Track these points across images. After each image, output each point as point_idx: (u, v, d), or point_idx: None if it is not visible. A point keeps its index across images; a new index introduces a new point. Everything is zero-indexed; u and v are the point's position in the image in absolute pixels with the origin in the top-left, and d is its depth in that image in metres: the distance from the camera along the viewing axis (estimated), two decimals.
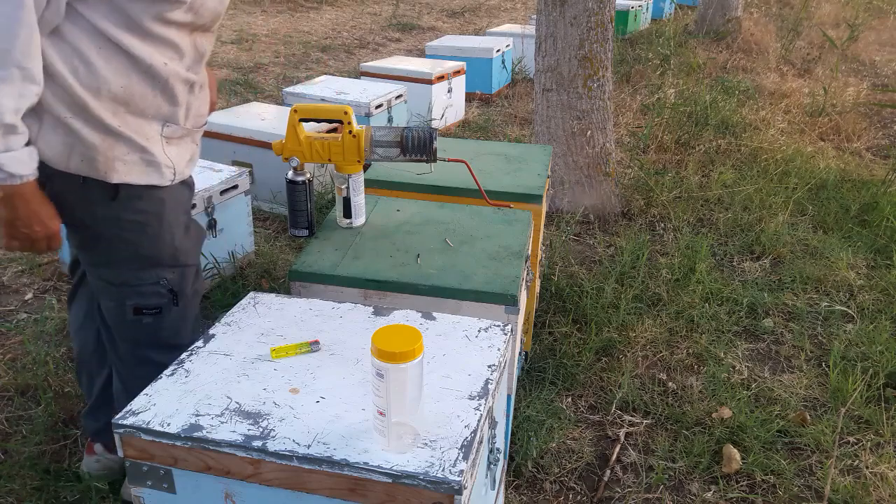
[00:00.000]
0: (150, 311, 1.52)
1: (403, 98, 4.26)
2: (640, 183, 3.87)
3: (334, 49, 7.18)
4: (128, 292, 1.50)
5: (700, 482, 2.00)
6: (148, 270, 1.50)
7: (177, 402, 1.16)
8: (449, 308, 1.59)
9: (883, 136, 5.18)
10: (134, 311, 1.51)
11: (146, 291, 1.51)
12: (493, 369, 1.27)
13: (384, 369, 1.01)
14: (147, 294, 1.51)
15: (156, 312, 1.53)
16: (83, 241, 1.49)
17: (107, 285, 1.51)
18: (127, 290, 1.50)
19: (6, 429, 2.04)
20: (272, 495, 1.10)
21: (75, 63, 1.26)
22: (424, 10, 9.72)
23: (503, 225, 1.92)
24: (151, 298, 1.52)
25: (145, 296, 1.51)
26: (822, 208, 3.73)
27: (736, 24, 7.93)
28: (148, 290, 1.51)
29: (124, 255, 1.47)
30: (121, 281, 1.49)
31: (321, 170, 3.47)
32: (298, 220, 1.82)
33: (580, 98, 3.46)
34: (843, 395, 2.32)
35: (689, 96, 5.25)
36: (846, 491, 1.95)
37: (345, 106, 1.76)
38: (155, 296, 1.52)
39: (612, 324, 2.63)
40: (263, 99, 5.31)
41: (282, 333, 1.37)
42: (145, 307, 1.52)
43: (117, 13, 1.27)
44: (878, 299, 2.93)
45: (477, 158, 2.35)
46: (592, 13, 3.33)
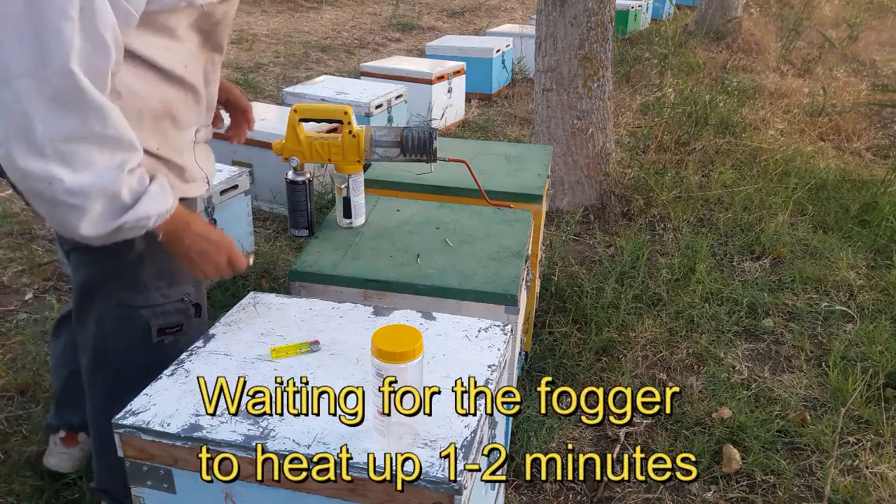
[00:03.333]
0: (172, 331, 1.46)
1: (403, 98, 4.26)
2: (640, 183, 3.87)
3: (334, 49, 7.17)
4: (153, 314, 1.43)
5: (700, 482, 2.00)
6: (174, 287, 1.45)
7: (177, 402, 1.16)
8: (449, 308, 1.59)
9: (883, 136, 5.18)
10: (158, 332, 1.45)
11: (170, 310, 1.45)
12: (493, 369, 1.27)
13: (384, 369, 1.01)
14: (171, 313, 1.46)
15: (177, 331, 1.47)
16: (107, 271, 1.40)
17: (128, 312, 1.42)
18: (151, 311, 1.43)
19: (6, 429, 2.04)
20: (272, 495, 1.10)
21: (117, 90, 1.20)
22: (424, 10, 9.72)
23: (503, 225, 1.92)
24: (174, 317, 1.46)
25: (169, 315, 1.46)
26: (822, 208, 3.73)
27: (736, 24, 7.93)
28: (172, 307, 1.46)
29: (152, 275, 1.40)
30: (147, 303, 1.42)
31: (321, 170, 3.47)
32: (298, 220, 1.82)
33: (580, 98, 3.46)
34: (843, 395, 2.32)
35: (689, 96, 5.25)
36: (846, 491, 1.95)
37: (345, 106, 1.76)
38: (178, 314, 1.47)
39: (612, 324, 2.63)
40: (263, 99, 5.31)
41: (282, 333, 1.37)
42: (168, 327, 1.46)
43: (149, 29, 1.22)
44: (878, 299, 2.93)
45: (477, 158, 2.35)
46: (592, 13, 3.33)
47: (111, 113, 1.11)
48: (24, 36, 1.02)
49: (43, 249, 3.02)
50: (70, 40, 1.04)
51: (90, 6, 1.05)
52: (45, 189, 1.09)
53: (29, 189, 1.10)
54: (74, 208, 1.11)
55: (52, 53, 1.03)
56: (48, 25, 1.02)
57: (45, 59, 1.03)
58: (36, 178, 1.08)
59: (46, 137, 1.06)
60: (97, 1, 1.06)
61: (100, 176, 1.11)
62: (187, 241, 1.31)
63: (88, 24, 1.06)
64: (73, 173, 1.09)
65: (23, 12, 1.01)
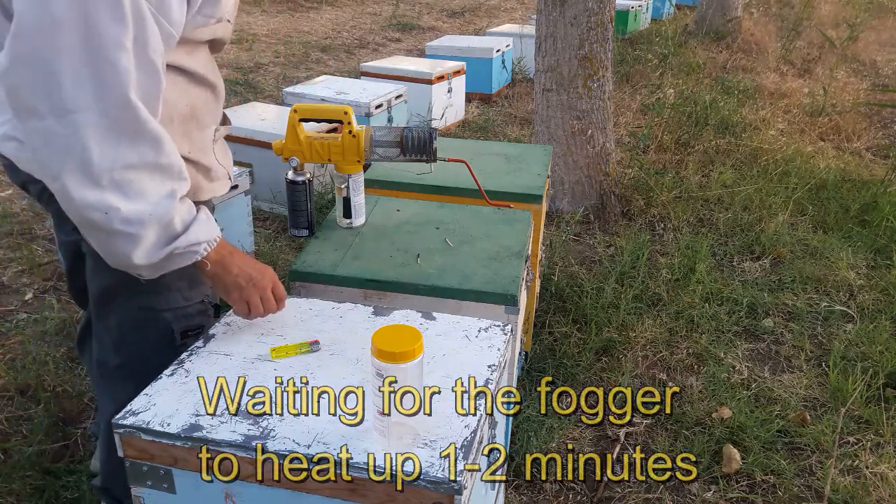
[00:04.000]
0: (194, 333, 1.45)
1: (403, 98, 4.26)
2: (640, 183, 3.87)
3: (334, 49, 7.17)
4: (175, 316, 1.42)
5: (700, 482, 2.00)
6: (195, 289, 1.44)
7: (177, 402, 1.16)
8: (449, 308, 1.59)
9: (883, 136, 5.18)
10: (182, 335, 1.44)
11: (192, 312, 1.44)
12: (493, 369, 1.27)
13: (384, 369, 1.01)
14: (192, 315, 1.45)
15: (199, 332, 1.45)
16: (128, 275, 1.37)
17: (150, 314, 1.41)
18: (173, 314, 1.42)
19: (6, 429, 2.03)
20: (272, 495, 1.10)
21: None
22: (424, 10, 9.72)
23: (503, 225, 1.92)
24: (196, 318, 1.45)
25: (192, 317, 1.44)
26: (822, 208, 3.73)
27: (736, 24, 7.93)
28: (193, 309, 1.45)
29: (173, 277, 1.36)
30: (169, 306, 1.41)
31: (321, 170, 3.47)
32: (298, 220, 1.82)
33: (580, 98, 3.46)
34: (843, 395, 2.32)
35: (689, 96, 5.25)
36: (846, 491, 1.95)
37: (345, 106, 1.75)
38: (199, 315, 1.46)
39: (612, 324, 2.63)
40: (263, 99, 5.31)
41: (282, 333, 1.37)
42: (190, 329, 1.45)
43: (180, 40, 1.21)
44: (878, 299, 2.93)
45: (477, 158, 2.35)
46: (592, 13, 3.33)
47: (165, 141, 1.12)
48: (80, 69, 1.02)
49: (43, 249, 3.02)
50: (127, 70, 1.04)
51: (143, 35, 1.05)
52: (101, 219, 1.09)
53: (84, 220, 1.11)
54: (129, 237, 1.12)
55: (110, 84, 1.03)
56: (105, 57, 1.02)
57: (104, 90, 1.03)
58: (92, 209, 1.08)
59: (103, 168, 1.06)
60: (149, 29, 1.06)
61: (155, 205, 1.12)
62: (234, 269, 1.31)
63: (141, 52, 1.06)
64: (129, 202, 1.09)
65: (78, 45, 1.01)
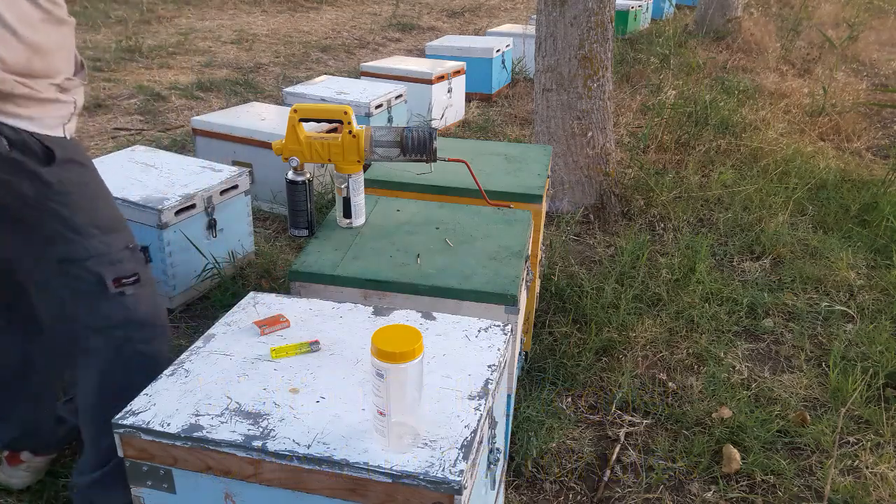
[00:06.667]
0: (129, 281, 1.40)
1: (403, 98, 4.26)
2: (640, 183, 3.87)
3: (334, 49, 7.17)
4: (101, 263, 1.37)
5: (700, 482, 2.00)
6: (113, 234, 1.39)
7: (177, 402, 1.16)
8: (449, 308, 1.59)
9: (883, 136, 5.18)
10: (115, 283, 1.38)
11: (121, 258, 1.39)
12: (493, 369, 1.27)
13: (384, 369, 1.01)
14: (123, 260, 1.40)
15: (135, 281, 1.41)
16: (25, 225, 1.31)
17: (73, 266, 1.35)
18: (98, 261, 1.36)
19: None
20: (272, 495, 1.10)
21: None
22: (424, 10, 9.72)
23: (503, 225, 1.92)
24: (128, 264, 1.40)
25: (122, 262, 1.39)
26: (822, 208, 3.73)
27: (736, 24, 7.93)
28: (122, 255, 1.40)
29: (82, 220, 1.32)
30: (89, 254, 1.35)
31: (321, 170, 3.47)
32: (298, 220, 1.82)
33: (580, 98, 3.46)
34: (843, 395, 2.32)
35: (689, 96, 5.25)
36: (846, 491, 1.95)
37: (345, 106, 1.76)
38: (131, 261, 1.41)
39: (612, 324, 2.63)
40: (263, 99, 5.31)
41: (282, 333, 1.37)
42: (124, 276, 1.39)
43: None
44: (878, 299, 2.93)
45: (477, 158, 2.35)
46: (592, 13, 3.33)
47: None
48: None
49: None
50: None
51: None
52: None
53: None
54: None
55: None
56: None
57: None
58: None
59: None
60: None
61: None
62: None
63: None
64: None
65: None
